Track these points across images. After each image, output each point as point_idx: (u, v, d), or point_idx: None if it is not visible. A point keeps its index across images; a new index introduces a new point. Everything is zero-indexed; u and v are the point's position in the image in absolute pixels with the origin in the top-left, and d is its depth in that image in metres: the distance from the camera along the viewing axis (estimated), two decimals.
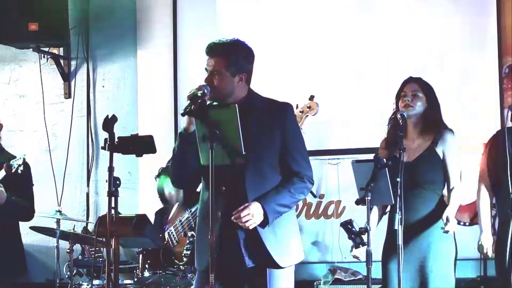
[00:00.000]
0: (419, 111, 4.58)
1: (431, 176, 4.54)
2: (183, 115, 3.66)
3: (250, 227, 3.64)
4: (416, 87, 4.61)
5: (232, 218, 3.63)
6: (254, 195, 3.67)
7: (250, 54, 3.90)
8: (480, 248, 4.71)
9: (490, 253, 4.67)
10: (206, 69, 3.76)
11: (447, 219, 4.36)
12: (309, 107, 4.49)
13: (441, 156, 4.55)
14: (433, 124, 4.59)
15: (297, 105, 4.50)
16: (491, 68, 6.18)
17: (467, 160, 4.81)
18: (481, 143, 5.62)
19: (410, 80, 4.67)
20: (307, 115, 4.50)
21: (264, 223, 3.66)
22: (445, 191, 4.59)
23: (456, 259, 4.54)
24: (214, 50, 3.78)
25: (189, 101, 3.62)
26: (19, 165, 5.24)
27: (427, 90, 4.63)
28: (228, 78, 3.74)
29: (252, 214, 3.62)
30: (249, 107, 3.74)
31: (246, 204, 3.64)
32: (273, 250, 3.71)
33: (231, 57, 3.77)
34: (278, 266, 3.72)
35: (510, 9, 6.19)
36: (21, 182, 5.42)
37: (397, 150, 4.42)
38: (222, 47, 3.80)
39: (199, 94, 3.63)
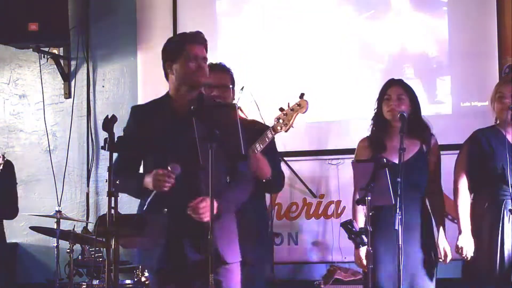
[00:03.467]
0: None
1: (419, 178, 4.58)
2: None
3: (205, 219, 3.64)
4: (400, 91, 4.64)
5: (189, 210, 3.65)
6: (206, 192, 3.64)
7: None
8: (458, 249, 4.66)
9: (470, 255, 4.63)
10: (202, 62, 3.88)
11: (445, 254, 4.55)
12: (299, 105, 4.49)
13: (427, 159, 4.61)
14: (417, 126, 4.61)
15: (288, 103, 4.51)
16: (491, 68, 6.17)
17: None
18: None
19: (392, 83, 4.70)
20: (298, 113, 4.51)
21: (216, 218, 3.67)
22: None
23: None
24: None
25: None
26: None
27: (410, 92, 4.66)
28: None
29: (207, 208, 3.64)
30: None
31: (202, 198, 3.66)
32: (221, 245, 3.72)
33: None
34: (224, 262, 3.75)
35: (510, 9, 6.19)
36: (2, 180, 5.43)
37: (380, 150, 4.52)
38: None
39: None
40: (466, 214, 4.67)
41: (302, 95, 4.54)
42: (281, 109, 4.56)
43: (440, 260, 4.58)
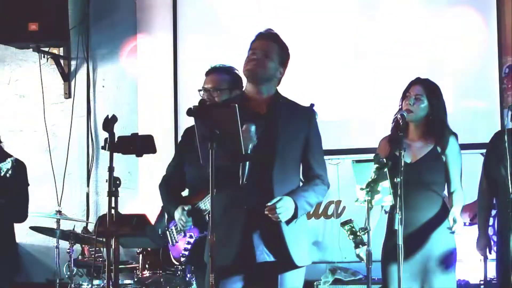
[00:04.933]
0: (420, 115, 4.58)
1: (433, 177, 4.55)
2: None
3: (282, 220, 3.67)
4: (420, 91, 4.59)
5: (266, 210, 3.65)
6: (280, 192, 3.71)
7: (289, 57, 4.02)
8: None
9: (488, 256, 4.65)
10: (252, 50, 3.87)
11: (454, 220, 4.42)
12: None
13: (444, 159, 4.57)
14: (436, 127, 4.58)
15: None
16: (491, 68, 6.17)
17: (467, 161, 4.80)
18: (481, 143, 5.64)
19: (416, 82, 4.65)
20: None
21: (292, 219, 3.70)
22: (445, 193, 4.60)
23: (456, 261, 4.55)
24: (270, 35, 3.95)
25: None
26: (8, 169, 5.20)
27: (431, 94, 4.59)
28: (276, 63, 3.88)
29: (285, 208, 3.67)
30: (276, 106, 3.85)
31: (279, 198, 3.68)
32: (292, 248, 3.74)
33: (282, 46, 3.95)
34: (294, 265, 3.77)
35: (510, 9, 6.19)
36: (12, 184, 5.38)
37: (398, 148, 4.43)
38: (277, 36, 3.97)
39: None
40: (482, 219, 4.73)
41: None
42: None
43: (449, 229, 4.47)
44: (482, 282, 5.56)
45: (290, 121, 3.83)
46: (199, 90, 4.59)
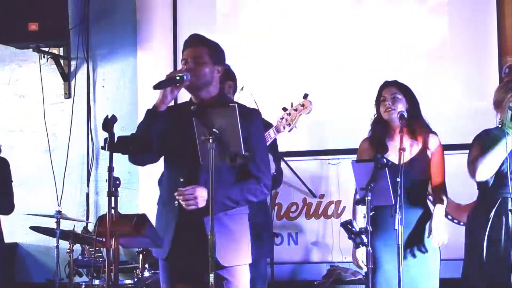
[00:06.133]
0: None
1: (422, 177, 4.58)
2: (154, 88, 3.74)
3: (189, 208, 3.66)
4: (394, 90, 4.64)
5: (175, 193, 3.68)
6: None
7: (223, 52, 3.97)
8: None
9: None
10: (184, 60, 3.84)
11: (430, 231, 4.45)
12: (302, 105, 4.49)
13: (429, 157, 4.60)
14: (417, 125, 4.60)
15: (291, 103, 4.50)
16: (491, 68, 6.17)
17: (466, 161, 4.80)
18: None
19: (386, 85, 4.71)
20: (301, 114, 4.50)
21: (205, 210, 3.63)
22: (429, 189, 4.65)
23: (440, 259, 4.58)
24: (196, 40, 3.89)
25: (165, 79, 3.73)
26: None
27: (406, 91, 4.65)
28: (210, 66, 3.82)
29: (195, 196, 3.66)
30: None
31: (194, 186, 3.68)
32: (218, 249, 3.61)
33: (212, 46, 3.88)
34: (219, 265, 3.70)
35: (510, 9, 6.19)
36: None
37: (382, 151, 4.50)
38: (203, 38, 3.91)
39: (177, 78, 3.71)
40: None
41: (306, 96, 4.54)
42: (284, 109, 4.55)
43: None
44: None
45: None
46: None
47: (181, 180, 3.76)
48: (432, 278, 4.54)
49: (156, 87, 3.73)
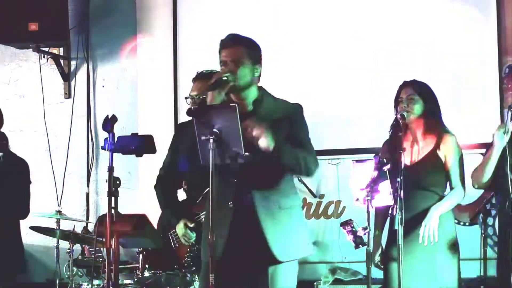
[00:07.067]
0: (417, 114, 4.60)
1: (433, 178, 4.56)
2: (209, 90, 3.68)
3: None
4: (410, 91, 4.63)
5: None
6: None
7: (260, 49, 3.95)
8: None
9: None
10: (223, 62, 3.79)
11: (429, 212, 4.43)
12: None
13: (443, 159, 4.57)
14: (433, 125, 4.59)
15: None
16: (491, 68, 6.17)
17: (467, 161, 4.79)
18: (481, 143, 5.64)
19: (404, 85, 4.69)
20: None
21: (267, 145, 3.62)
22: (447, 193, 4.61)
23: (459, 259, 4.55)
24: (233, 40, 3.83)
25: (215, 80, 3.68)
26: None
27: (423, 92, 4.64)
28: (249, 66, 3.79)
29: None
30: (261, 105, 3.83)
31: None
32: (273, 243, 3.71)
33: (250, 46, 3.85)
34: (276, 260, 3.73)
35: (510, 9, 6.19)
36: (11, 181, 5.42)
37: (398, 151, 4.43)
38: (240, 38, 3.87)
39: (224, 78, 3.68)
40: None
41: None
42: None
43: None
44: (479, 279, 5.56)
45: (274, 120, 3.77)
46: (186, 98, 4.60)
47: (235, 181, 3.75)
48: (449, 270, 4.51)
49: (210, 88, 3.68)
